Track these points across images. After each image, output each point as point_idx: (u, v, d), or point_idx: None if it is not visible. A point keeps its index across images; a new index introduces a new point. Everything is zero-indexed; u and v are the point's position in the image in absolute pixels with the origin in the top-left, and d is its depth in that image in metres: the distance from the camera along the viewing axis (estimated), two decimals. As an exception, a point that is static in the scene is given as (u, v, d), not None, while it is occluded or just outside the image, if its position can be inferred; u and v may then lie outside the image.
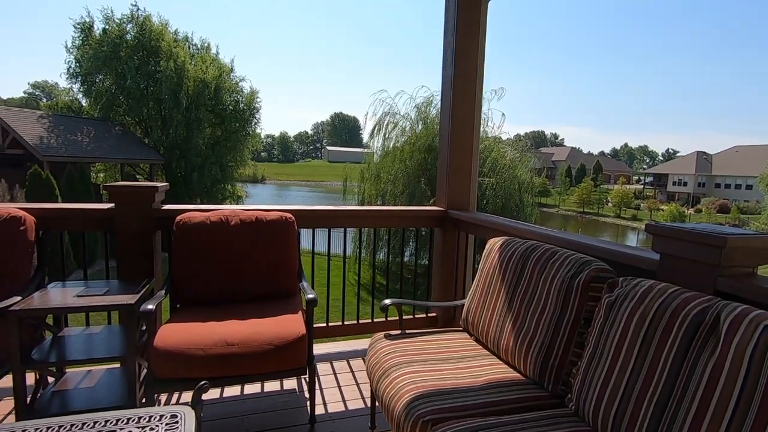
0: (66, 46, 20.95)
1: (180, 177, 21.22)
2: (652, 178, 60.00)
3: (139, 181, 21.22)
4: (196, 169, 21.63)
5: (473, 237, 3.05)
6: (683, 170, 51.71)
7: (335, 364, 2.78)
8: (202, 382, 1.34)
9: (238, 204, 21.33)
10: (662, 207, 41.77)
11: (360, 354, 2.90)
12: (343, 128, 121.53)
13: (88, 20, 20.86)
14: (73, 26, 20.78)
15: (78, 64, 20.81)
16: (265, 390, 2.46)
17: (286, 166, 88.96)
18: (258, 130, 25.50)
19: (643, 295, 1.35)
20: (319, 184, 59.11)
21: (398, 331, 2.13)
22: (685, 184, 51.26)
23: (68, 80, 21.63)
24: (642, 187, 60.05)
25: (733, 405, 1.04)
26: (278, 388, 2.48)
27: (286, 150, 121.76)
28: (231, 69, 23.85)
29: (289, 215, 2.61)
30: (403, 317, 2.31)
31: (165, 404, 2.28)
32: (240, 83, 24.13)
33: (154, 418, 1.21)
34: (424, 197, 12.70)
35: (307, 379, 2.15)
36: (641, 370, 1.27)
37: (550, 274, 1.76)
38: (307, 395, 2.35)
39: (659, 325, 1.27)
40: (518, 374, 1.78)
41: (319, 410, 2.29)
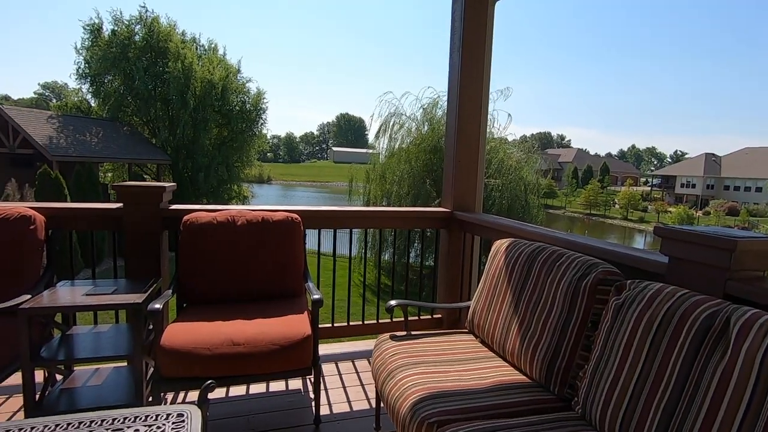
0: (75, 48, 21.17)
1: (186, 177, 21.35)
2: (659, 179, 59.50)
3: (146, 181, 21.40)
4: (203, 170, 21.76)
5: (479, 238, 3.04)
6: (691, 172, 51.23)
7: (340, 364, 2.78)
8: (209, 382, 1.34)
9: (244, 204, 21.43)
10: (670, 209, 41.39)
11: (365, 355, 2.90)
12: (348, 129, 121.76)
13: (97, 22, 21.07)
14: (83, 28, 21.01)
15: (87, 65, 21.02)
16: (271, 390, 2.47)
17: (292, 167, 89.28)
18: (264, 131, 25.61)
19: (651, 299, 1.34)
20: (325, 184, 59.23)
21: (404, 333, 2.13)
22: (693, 186, 50.79)
23: (77, 81, 21.88)
24: (649, 188, 59.56)
25: (743, 411, 1.02)
26: (283, 388, 2.49)
27: (291, 150, 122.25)
28: (238, 70, 23.97)
29: (295, 216, 2.62)
30: (409, 318, 2.30)
31: (171, 403, 2.29)
32: (247, 84, 24.28)
33: (161, 417, 1.22)
34: (429, 198, 12.68)
35: (313, 380, 2.16)
36: (649, 375, 1.26)
37: (556, 277, 1.75)
38: (312, 395, 2.35)
39: (668, 329, 1.25)
40: (524, 377, 1.77)
41: (324, 410, 2.29)
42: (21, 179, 13.84)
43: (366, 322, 3.11)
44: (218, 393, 2.40)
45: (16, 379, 1.97)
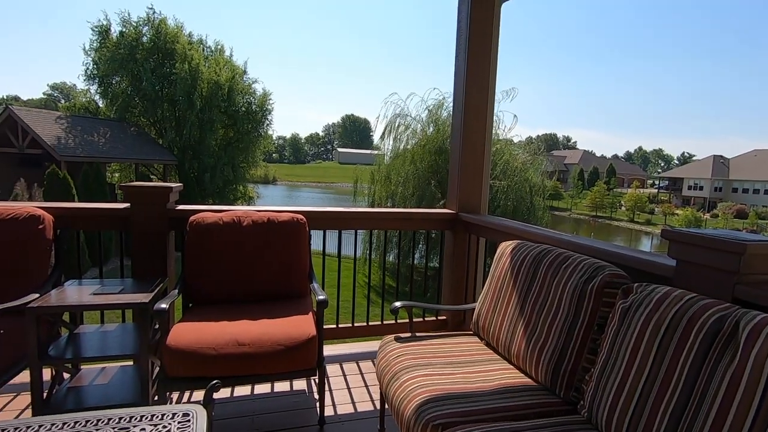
0: (84, 49, 21.40)
1: (193, 177, 21.48)
2: (666, 182, 59.05)
3: (153, 181, 21.54)
4: (209, 170, 21.89)
5: (484, 240, 3.03)
6: (699, 174, 50.78)
7: (345, 365, 2.78)
8: (214, 382, 1.35)
9: (249, 204, 21.53)
10: (677, 211, 41.06)
11: (369, 356, 2.90)
12: (353, 130, 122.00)
13: (105, 23, 21.28)
14: (91, 29, 21.23)
15: (95, 66, 21.23)
16: (275, 390, 2.47)
17: (297, 167, 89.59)
18: (270, 132, 25.73)
19: (658, 302, 1.33)
20: (330, 185, 59.36)
21: (408, 334, 2.13)
22: (701, 188, 50.34)
23: (86, 82, 22.12)
24: (656, 191, 59.13)
25: (752, 417, 1.01)
26: (288, 388, 2.50)
27: (297, 151, 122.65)
28: (244, 71, 24.11)
29: (300, 216, 2.62)
30: (413, 320, 2.30)
31: (177, 402, 2.30)
32: (253, 85, 24.41)
33: (167, 416, 1.23)
34: (434, 199, 12.66)
35: (317, 380, 2.16)
36: (656, 379, 1.24)
37: (562, 279, 1.74)
38: (316, 396, 2.35)
39: (675, 333, 1.24)
40: (529, 379, 1.76)
41: (328, 411, 2.29)
42: (30, 179, 14.00)
43: (370, 323, 3.11)
44: (223, 393, 2.40)
45: (24, 377, 1.99)
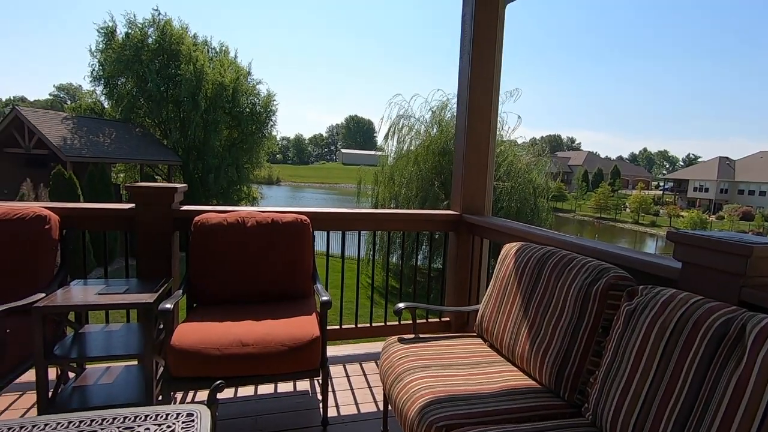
0: (90, 50, 21.53)
1: (197, 178, 21.57)
2: (671, 183, 58.72)
3: (157, 181, 21.66)
4: (213, 171, 21.96)
5: (488, 241, 3.03)
6: (705, 176, 50.45)
7: (348, 366, 2.79)
8: (218, 382, 1.35)
9: (253, 205, 21.60)
10: (682, 213, 40.80)
11: (373, 357, 2.90)
12: (357, 131, 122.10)
13: (111, 25, 21.43)
14: (97, 31, 21.35)
15: (101, 67, 21.36)
16: (279, 391, 2.48)
17: (301, 168, 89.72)
18: (274, 133, 25.79)
19: (664, 304, 1.32)
20: (333, 186, 59.41)
21: (412, 335, 2.13)
22: (706, 190, 50.00)
23: (91, 83, 22.25)
24: (661, 192, 58.80)
25: (759, 421, 1.00)
26: (291, 389, 2.50)
27: (300, 152, 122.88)
28: (248, 72, 24.19)
29: (304, 217, 2.63)
30: (417, 321, 2.30)
31: (180, 402, 2.31)
32: (257, 86, 24.48)
33: (171, 416, 1.23)
34: (437, 200, 12.64)
35: (320, 381, 2.16)
36: (662, 382, 1.24)
37: (567, 281, 1.73)
38: (320, 397, 2.35)
39: (681, 336, 1.23)
40: (533, 382, 1.76)
41: (331, 412, 2.29)
42: (36, 179, 14.10)
43: (374, 324, 3.11)
44: (227, 393, 2.41)
45: (29, 376, 2.01)
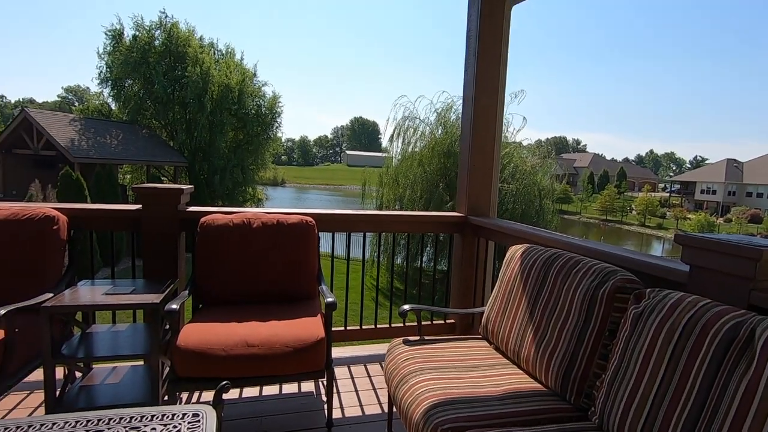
0: (98, 53, 21.79)
1: (203, 179, 21.70)
2: (678, 185, 58.26)
3: (163, 182, 21.81)
4: (219, 172, 22.10)
5: (493, 243, 3.02)
6: (712, 178, 49.99)
7: (353, 368, 2.78)
8: (223, 382, 1.36)
9: (258, 206, 21.68)
10: (689, 216, 40.46)
11: (377, 359, 2.89)
12: (362, 132, 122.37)
13: (118, 27, 21.65)
14: (105, 33, 21.60)
15: (109, 69, 21.58)
16: (284, 392, 2.48)
17: (306, 170, 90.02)
18: (279, 134, 25.91)
19: (672, 308, 1.31)
20: (338, 187, 59.51)
21: (417, 337, 2.12)
22: (714, 192, 49.52)
23: (99, 85, 22.51)
24: (668, 194, 58.33)
25: (769, 425, 0.99)
26: (296, 390, 2.50)
27: (305, 153, 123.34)
28: (254, 74, 24.33)
29: (309, 219, 2.63)
30: (422, 323, 2.29)
31: (186, 402, 2.32)
32: (263, 88, 24.62)
33: (177, 416, 1.24)
34: (442, 202, 12.63)
35: (325, 383, 2.16)
36: (669, 387, 1.23)
37: (573, 284, 1.72)
38: (324, 398, 2.35)
39: (689, 340, 1.22)
40: (539, 385, 1.75)
41: (336, 414, 2.29)
42: (44, 180, 14.25)
43: (378, 326, 3.10)
44: (231, 394, 2.42)
45: (37, 375, 2.02)
